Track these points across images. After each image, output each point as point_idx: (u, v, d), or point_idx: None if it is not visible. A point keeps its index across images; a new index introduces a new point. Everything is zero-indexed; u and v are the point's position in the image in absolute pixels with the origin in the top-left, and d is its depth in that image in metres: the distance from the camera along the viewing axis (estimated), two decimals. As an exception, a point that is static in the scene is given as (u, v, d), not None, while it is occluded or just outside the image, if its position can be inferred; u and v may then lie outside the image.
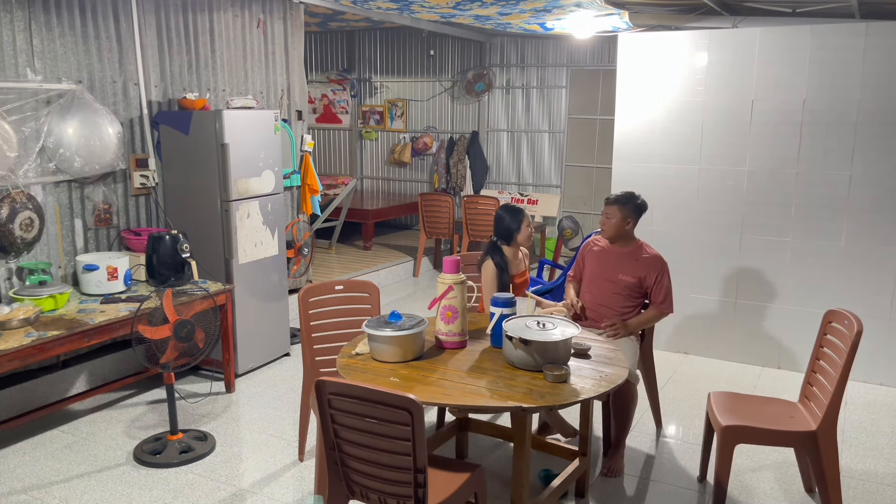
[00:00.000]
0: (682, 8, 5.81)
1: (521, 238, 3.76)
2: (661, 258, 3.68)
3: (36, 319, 3.57)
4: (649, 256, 3.66)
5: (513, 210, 3.79)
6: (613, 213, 3.68)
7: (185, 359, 3.65)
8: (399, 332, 2.79)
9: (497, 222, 3.78)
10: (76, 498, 3.26)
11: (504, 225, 3.75)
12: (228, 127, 4.43)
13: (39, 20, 3.99)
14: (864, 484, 3.47)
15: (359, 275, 6.83)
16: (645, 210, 3.76)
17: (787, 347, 4.96)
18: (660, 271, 3.64)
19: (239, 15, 5.22)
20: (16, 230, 3.86)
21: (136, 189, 4.62)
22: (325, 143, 10.25)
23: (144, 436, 3.85)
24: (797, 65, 4.70)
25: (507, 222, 3.75)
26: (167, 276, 4.22)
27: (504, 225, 3.75)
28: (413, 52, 9.34)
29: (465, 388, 2.58)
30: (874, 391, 4.63)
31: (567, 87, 8.49)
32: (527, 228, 3.77)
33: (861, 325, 2.86)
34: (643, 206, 3.74)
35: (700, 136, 5.05)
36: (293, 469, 3.56)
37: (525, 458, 2.69)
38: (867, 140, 4.58)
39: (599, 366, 2.86)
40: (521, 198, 8.71)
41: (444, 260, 3.00)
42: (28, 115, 3.94)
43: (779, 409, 3.24)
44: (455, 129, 9.26)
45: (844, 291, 4.74)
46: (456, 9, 5.92)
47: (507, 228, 3.74)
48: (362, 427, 2.30)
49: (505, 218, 3.76)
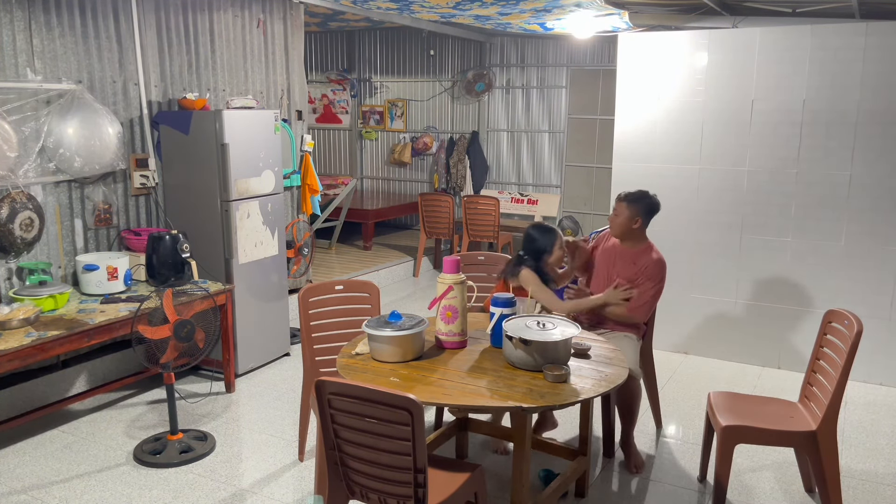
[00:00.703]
0: (682, 8, 5.81)
1: (553, 260, 3.55)
2: (659, 266, 3.58)
3: (36, 319, 3.57)
4: (649, 262, 3.59)
5: (546, 231, 3.57)
6: (621, 211, 3.62)
7: (185, 359, 3.64)
8: (399, 332, 2.79)
9: (527, 241, 3.56)
10: (76, 498, 3.26)
11: (536, 245, 3.53)
12: (228, 127, 4.43)
13: (39, 20, 3.99)
14: (864, 484, 3.47)
15: (359, 275, 6.83)
16: (656, 210, 3.66)
17: (787, 347, 4.96)
18: (649, 277, 3.55)
19: (239, 15, 5.22)
20: (16, 230, 3.86)
21: (136, 189, 4.62)
22: (325, 143, 10.25)
23: (144, 436, 3.85)
24: (797, 65, 4.70)
25: (540, 243, 3.53)
26: (167, 276, 4.22)
27: (536, 245, 3.53)
28: (413, 52, 9.34)
29: (465, 388, 2.58)
30: (874, 391, 4.63)
31: (567, 87, 8.49)
32: (559, 251, 3.55)
33: (861, 325, 2.86)
34: (654, 206, 3.65)
35: (700, 136, 5.05)
36: (293, 469, 3.56)
37: (525, 458, 2.69)
38: (867, 140, 4.58)
39: (599, 366, 2.86)
40: (521, 198, 8.71)
41: (444, 260, 3.00)
42: (28, 115, 3.94)
43: (779, 409, 3.24)
44: (455, 129, 9.26)
45: (844, 291, 4.74)
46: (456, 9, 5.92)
47: (538, 249, 3.53)
48: (362, 427, 2.30)
49: (537, 239, 3.54)
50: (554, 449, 3.41)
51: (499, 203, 7.24)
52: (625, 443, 3.57)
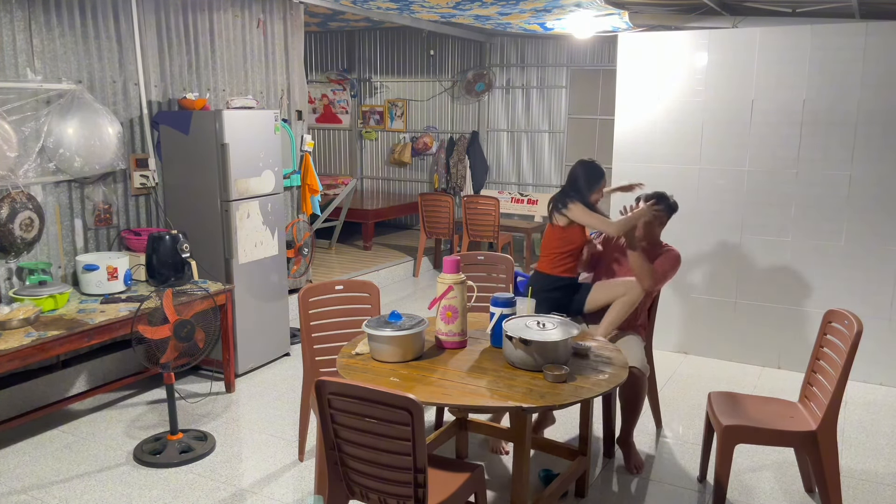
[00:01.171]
0: (682, 8, 5.81)
1: (594, 198, 3.66)
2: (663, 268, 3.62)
3: (36, 319, 3.57)
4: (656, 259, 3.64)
5: (593, 166, 3.68)
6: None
7: (185, 359, 3.64)
8: (399, 332, 2.79)
9: (576, 177, 3.66)
10: (76, 498, 3.27)
11: (582, 181, 3.64)
12: (228, 127, 4.43)
13: (39, 20, 3.99)
14: (864, 484, 3.47)
15: (359, 275, 6.83)
16: (673, 211, 3.75)
17: (787, 347, 4.96)
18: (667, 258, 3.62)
19: (239, 15, 5.22)
20: (16, 230, 3.86)
21: (136, 189, 4.62)
22: (325, 143, 10.25)
23: (144, 436, 3.85)
24: (797, 65, 4.70)
25: (588, 177, 3.64)
26: (167, 276, 4.22)
27: (582, 181, 3.64)
28: (413, 52, 9.34)
29: (465, 388, 2.58)
30: (874, 391, 4.63)
31: (567, 87, 8.49)
32: (600, 190, 3.68)
33: (861, 325, 2.86)
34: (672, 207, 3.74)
35: (700, 136, 5.05)
36: (293, 469, 3.56)
37: (525, 458, 2.69)
38: (867, 140, 4.57)
39: (599, 366, 2.86)
40: (521, 198, 8.71)
41: (444, 260, 3.00)
42: (28, 115, 3.94)
43: (779, 409, 3.24)
44: (455, 129, 9.26)
45: (844, 291, 4.74)
46: (456, 9, 5.92)
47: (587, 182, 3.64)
48: (362, 427, 2.30)
49: (585, 174, 3.65)
50: (554, 449, 3.41)
51: (499, 203, 7.24)
52: (624, 441, 3.57)
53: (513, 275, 4.05)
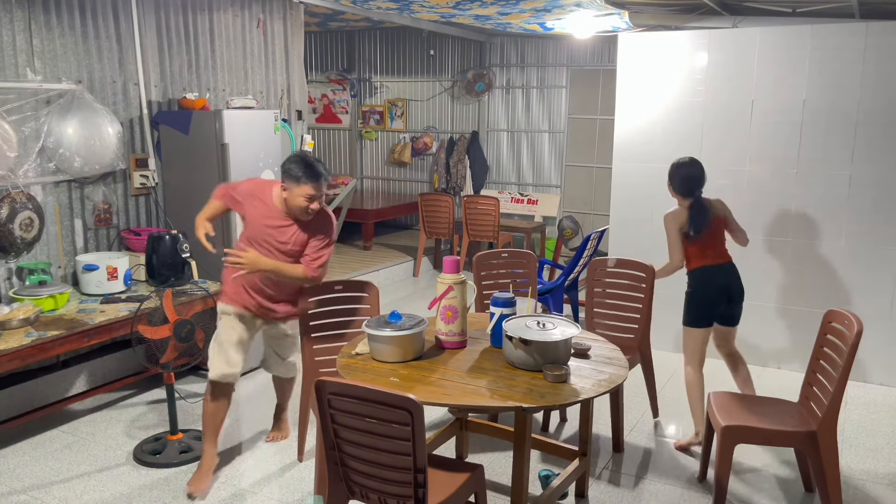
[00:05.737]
0: (682, 8, 5.81)
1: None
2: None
3: (36, 319, 3.57)
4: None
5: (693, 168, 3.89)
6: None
7: (185, 359, 3.64)
8: (399, 332, 2.79)
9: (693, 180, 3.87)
10: (76, 498, 3.26)
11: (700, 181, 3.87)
12: (228, 127, 4.43)
13: (39, 20, 3.99)
14: (864, 484, 3.47)
15: (359, 275, 6.83)
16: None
17: (787, 347, 4.96)
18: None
19: (239, 15, 5.22)
20: (16, 230, 3.86)
21: (136, 189, 4.62)
22: (325, 143, 10.25)
23: (144, 436, 3.85)
24: (797, 65, 4.70)
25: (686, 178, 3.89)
26: (167, 276, 4.22)
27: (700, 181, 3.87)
28: (413, 52, 9.34)
29: (465, 388, 2.58)
30: (874, 391, 4.63)
31: (567, 87, 8.49)
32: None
33: (861, 325, 2.86)
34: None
35: (700, 136, 5.05)
36: (293, 469, 3.56)
37: (525, 458, 2.69)
38: (867, 140, 4.57)
39: (599, 366, 2.86)
40: (521, 198, 8.71)
41: (444, 260, 3.00)
42: (28, 115, 3.94)
43: (779, 409, 3.24)
44: (455, 129, 9.26)
45: (844, 291, 4.73)
46: (456, 9, 5.92)
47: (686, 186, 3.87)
48: (362, 427, 2.30)
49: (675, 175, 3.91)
50: (554, 449, 3.40)
51: (499, 203, 7.23)
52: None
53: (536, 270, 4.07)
